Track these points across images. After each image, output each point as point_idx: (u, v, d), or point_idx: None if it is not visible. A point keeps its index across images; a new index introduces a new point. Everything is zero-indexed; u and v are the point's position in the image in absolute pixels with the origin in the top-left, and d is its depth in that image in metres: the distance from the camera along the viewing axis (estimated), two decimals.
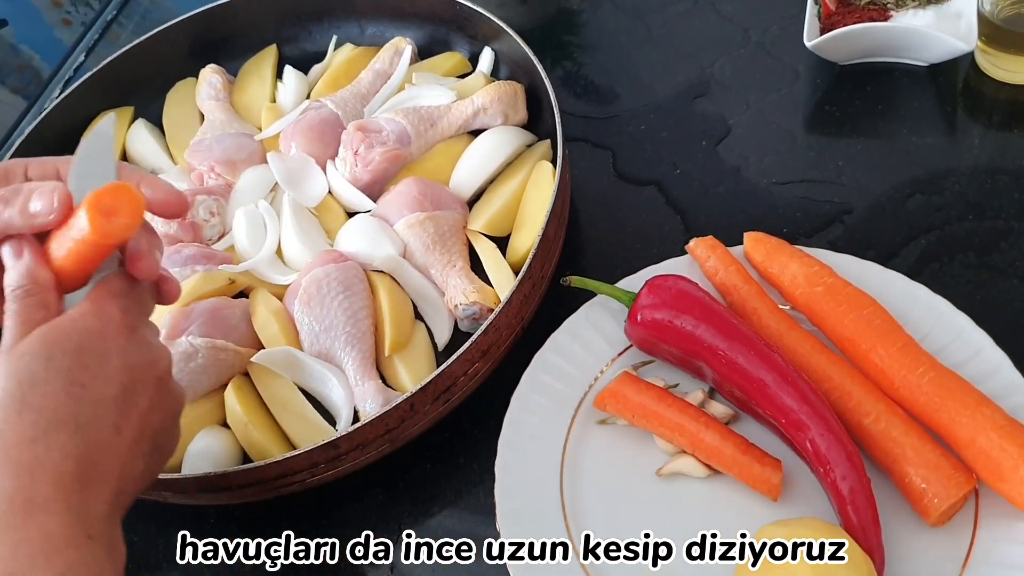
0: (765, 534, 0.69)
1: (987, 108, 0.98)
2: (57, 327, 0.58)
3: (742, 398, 0.77)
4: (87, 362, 0.57)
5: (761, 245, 0.85)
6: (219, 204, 0.99)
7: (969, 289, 0.85)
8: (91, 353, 0.58)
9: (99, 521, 0.55)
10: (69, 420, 0.55)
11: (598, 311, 0.86)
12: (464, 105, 1.01)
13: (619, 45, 1.15)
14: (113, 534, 0.56)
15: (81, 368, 0.57)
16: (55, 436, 0.55)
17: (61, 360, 0.57)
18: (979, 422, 0.71)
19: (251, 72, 1.15)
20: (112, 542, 0.56)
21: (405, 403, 0.78)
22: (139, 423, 0.59)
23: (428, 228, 0.92)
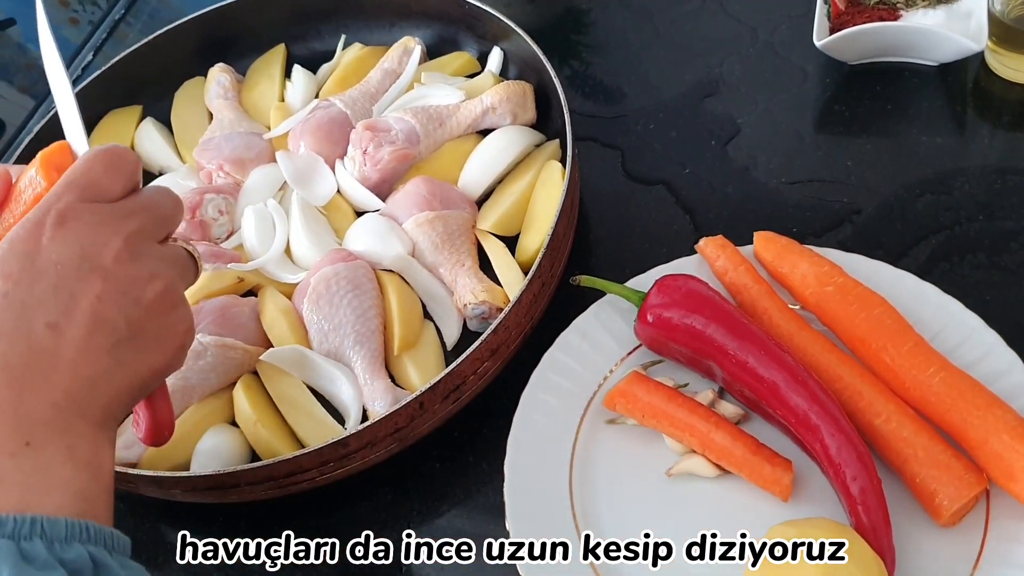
0: (775, 534, 0.69)
1: (997, 108, 0.98)
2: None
3: (752, 398, 0.76)
4: (9, 268, 0.54)
5: (771, 244, 0.85)
6: (228, 203, 0.99)
7: (979, 289, 0.85)
8: (13, 256, 0.55)
9: (41, 427, 0.51)
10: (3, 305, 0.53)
11: (607, 310, 0.86)
12: (473, 104, 1.00)
13: (627, 44, 1.15)
14: (71, 439, 0.52)
15: (14, 277, 0.54)
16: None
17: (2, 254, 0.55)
18: (990, 423, 0.71)
19: (260, 71, 1.15)
20: (71, 448, 0.52)
21: (414, 402, 0.78)
22: (85, 318, 0.54)
23: (437, 227, 0.92)
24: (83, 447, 0.53)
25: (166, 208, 0.62)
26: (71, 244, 0.55)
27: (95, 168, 0.59)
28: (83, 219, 0.56)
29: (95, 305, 0.55)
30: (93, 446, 0.53)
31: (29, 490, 0.50)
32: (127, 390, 0.57)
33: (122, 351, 0.56)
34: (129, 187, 0.60)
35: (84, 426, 0.54)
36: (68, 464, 0.51)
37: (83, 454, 0.53)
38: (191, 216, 0.97)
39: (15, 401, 0.51)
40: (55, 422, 0.52)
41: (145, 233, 0.59)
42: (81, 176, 0.58)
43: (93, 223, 0.57)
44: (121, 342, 0.56)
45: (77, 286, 0.55)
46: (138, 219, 0.59)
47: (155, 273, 0.58)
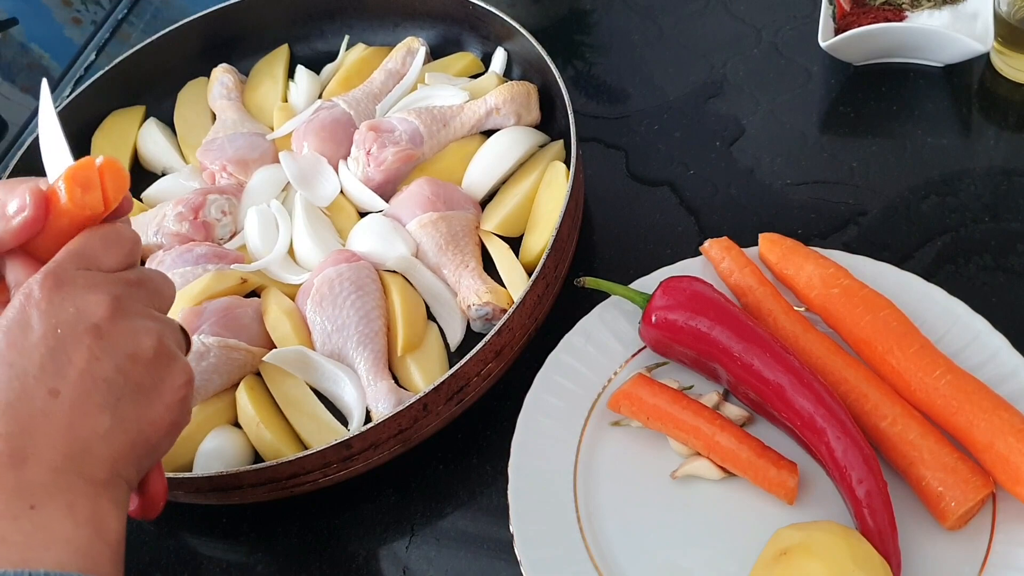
0: (781, 537, 0.69)
1: (1003, 109, 0.98)
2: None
3: (757, 400, 0.76)
4: (11, 340, 0.55)
5: (776, 246, 0.84)
6: (231, 203, 0.99)
7: (985, 292, 0.85)
8: (13, 329, 0.55)
9: (42, 489, 0.52)
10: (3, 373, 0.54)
11: (612, 312, 0.86)
12: (477, 105, 1.00)
13: (631, 45, 1.15)
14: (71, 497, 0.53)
15: (7, 348, 0.55)
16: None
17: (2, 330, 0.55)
18: (997, 425, 0.70)
19: (263, 72, 1.15)
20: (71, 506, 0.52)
21: (418, 403, 0.78)
22: (81, 378, 0.55)
23: (441, 228, 0.92)
24: (83, 505, 0.53)
25: (159, 283, 0.62)
26: (66, 307, 0.56)
27: (93, 242, 0.59)
28: (78, 283, 0.57)
29: (90, 364, 0.55)
30: (93, 504, 0.54)
31: (29, 548, 0.50)
32: (130, 447, 0.57)
33: (121, 408, 0.56)
34: (126, 264, 0.61)
35: (83, 485, 0.54)
36: (68, 521, 0.52)
37: (83, 512, 0.53)
38: (194, 217, 0.97)
39: (17, 471, 0.52)
40: (55, 484, 0.53)
41: (137, 297, 0.60)
42: (78, 247, 0.59)
43: (87, 285, 0.57)
44: (120, 399, 0.56)
45: (72, 348, 0.55)
46: (131, 286, 0.60)
47: (148, 328, 0.59)
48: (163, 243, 0.98)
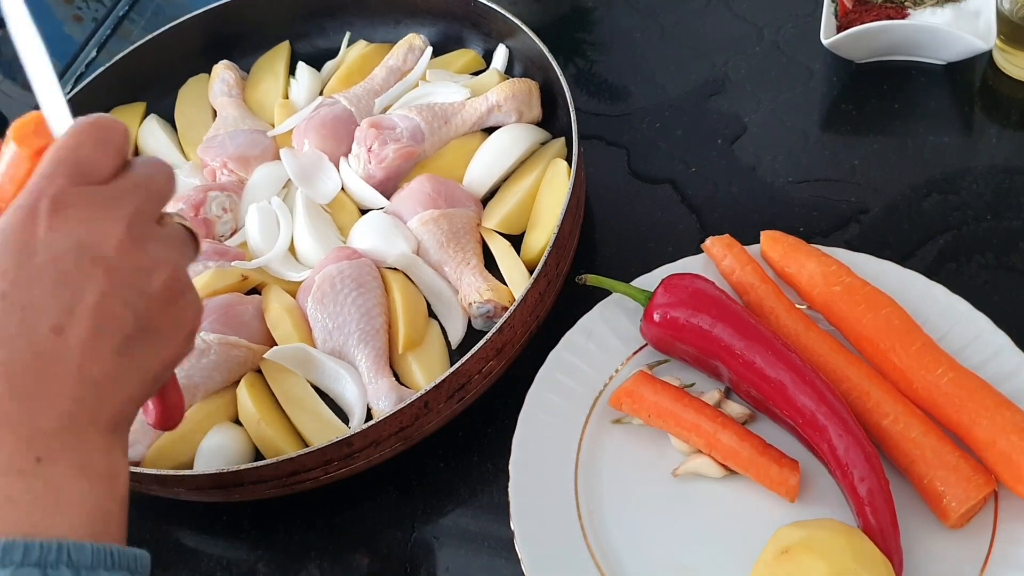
0: (782, 535, 0.68)
1: (1005, 107, 0.98)
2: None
3: (759, 398, 0.76)
4: (5, 266, 0.49)
5: (778, 244, 0.84)
6: (232, 200, 0.99)
7: (987, 290, 0.84)
8: (8, 253, 0.49)
9: (52, 439, 0.47)
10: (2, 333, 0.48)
11: (613, 310, 0.86)
12: (478, 102, 1.00)
13: (632, 43, 1.15)
14: (83, 451, 0.48)
15: (11, 277, 0.49)
16: None
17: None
18: (999, 424, 0.70)
19: (264, 68, 1.15)
20: (84, 461, 0.48)
21: (419, 401, 0.77)
22: (90, 316, 0.49)
23: (442, 225, 0.92)
24: (97, 459, 0.49)
25: (160, 182, 0.55)
26: (68, 235, 0.50)
27: (84, 145, 0.53)
28: (78, 205, 0.51)
29: (100, 302, 0.50)
30: (107, 457, 0.49)
31: (41, 510, 0.46)
32: (139, 388, 0.52)
33: (132, 348, 0.51)
34: (120, 162, 0.54)
35: (96, 435, 0.49)
36: (81, 479, 0.48)
37: (97, 467, 0.49)
38: (195, 214, 0.97)
39: (23, 414, 0.47)
40: (66, 433, 0.48)
41: (144, 215, 0.53)
42: (70, 154, 0.52)
43: (90, 209, 0.51)
44: (130, 339, 0.51)
45: (79, 282, 0.49)
46: (135, 200, 0.53)
47: (160, 259, 0.53)
48: None
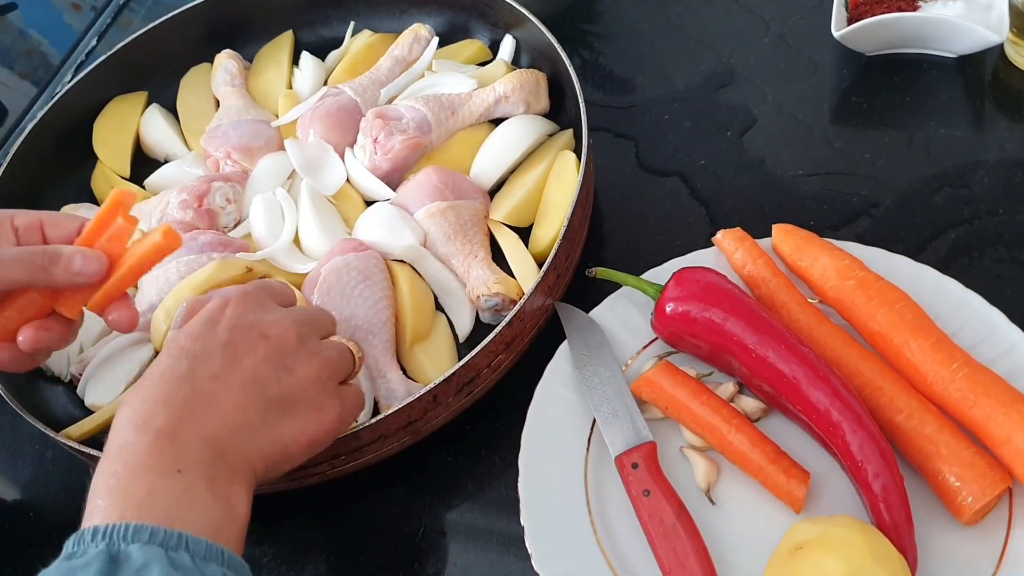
0: (798, 531, 0.68)
1: (1016, 101, 0.97)
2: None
3: (772, 393, 0.75)
4: (197, 334, 0.66)
5: (790, 237, 0.84)
6: (236, 191, 0.98)
7: (1000, 284, 0.84)
8: (200, 322, 0.67)
9: (190, 457, 0.59)
10: (176, 367, 0.64)
11: (623, 303, 0.85)
12: (485, 93, 0.99)
13: (639, 34, 1.14)
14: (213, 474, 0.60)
15: (194, 336, 0.66)
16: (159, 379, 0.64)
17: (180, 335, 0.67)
18: (1015, 419, 0.70)
19: (267, 58, 1.14)
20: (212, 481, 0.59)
21: (428, 394, 0.77)
22: (241, 376, 0.64)
23: (449, 217, 0.91)
24: (221, 483, 0.60)
25: (328, 320, 0.74)
26: (247, 316, 0.68)
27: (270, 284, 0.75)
28: (264, 304, 0.70)
29: (255, 365, 0.65)
30: (229, 487, 0.60)
31: (176, 507, 0.57)
32: (267, 448, 0.64)
33: (269, 411, 0.64)
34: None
35: (224, 466, 0.61)
36: (208, 495, 0.59)
37: (220, 490, 0.60)
38: (198, 205, 0.95)
39: (173, 432, 0.60)
40: (201, 455, 0.60)
41: (311, 327, 0.70)
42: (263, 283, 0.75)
43: (269, 307, 0.70)
44: (270, 403, 0.65)
45: (243, 349, 0.66)
46: (307, 315, 0.71)
47: (313, 353, 0.68)
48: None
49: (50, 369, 0.92)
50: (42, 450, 0.93)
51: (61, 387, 0.92)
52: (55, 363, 0.92)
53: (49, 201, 1.03)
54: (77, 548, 0.55)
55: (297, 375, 0.67)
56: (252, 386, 0.64)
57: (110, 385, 0.89)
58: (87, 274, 0.70)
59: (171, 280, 0.91)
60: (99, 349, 0.90)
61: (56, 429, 0.82)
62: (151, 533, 0.55)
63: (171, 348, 0.66)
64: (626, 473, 0.75)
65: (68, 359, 0.92)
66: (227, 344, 0.65)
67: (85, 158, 1.09)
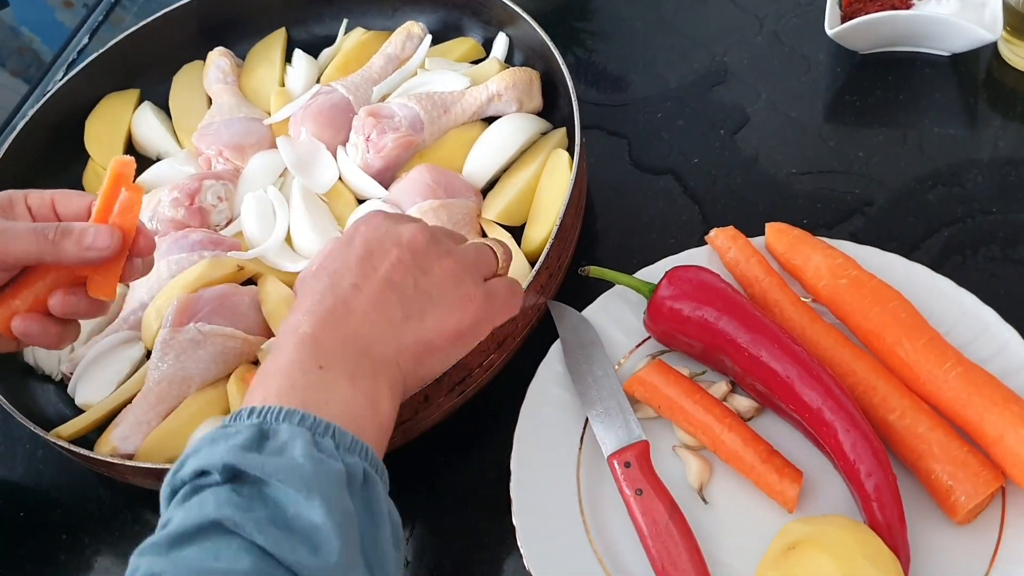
0: (790, 530, 0.68)
1: (1010, 99, 0.97)
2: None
3: (765, 392, 0.75)
4: (336, 252, 0.70)
5: (783, 236, 0.83)
6: (227, 189, 0.98)
7: (993, 283, 0.84)
8: (340, 244, 0.71)
9: (332, 355, 0.63)
10: (319, 278, 0.68)
11: (615, 302, 0.85)
12: (478, 91, 0.99)
13: (632, 32, 1.14)
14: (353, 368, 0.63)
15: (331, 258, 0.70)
16: (308, 286, 0.68)
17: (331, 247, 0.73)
18: (1008, 419, 0.70)
19: (260, 56, 1.13)
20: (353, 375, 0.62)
21: (419, 394, 0.76)
22: (378, 281, 0.67)
23: (441, 216, 0.91)
24: (363, 379, 0.63)
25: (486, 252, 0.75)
26: (378, 228, 0.71)
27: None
28: (399, 218, 0.73)
29: (390, 271, 0.68)
30: (372, 382, 0.63)
31: (315, 397, 0.60)
32: (413, 342, 0.67)
33: (409, 309, 0.67)
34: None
35: (366, 363, 0.64)
36: (348, 387, 0.62)
37: (362, 384, 0.62)
38: (190, 203, 0.95)
39: (317, 337, 0.63)
40: (343, 352, 0.63)
41: (444, 234, 0.73)
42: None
43: (400, 218, 0.73)
44: (408, 301, 0.67)
45: (379, 258, 0.68)
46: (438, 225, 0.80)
47: (447, 252, 0.70)
48: (158, 229, 0.96)
49: (41, 368, 0.92)
50: (33, 449, 0.93)
51: (52, 386, 0.91)
52: (45, 362, 0.91)
53: None
54: (231, 423, 0.58)
55: (432, 273, 0.69)
56: (389, 289, 0.67)
57: (100, 384, 0.88)
58: (99, 248, 0.71)
59: (162, 278, 0.91)
60: (89, 348, 0.90)
61: (47, 428, 0.82)
62: (301, 417, 0.58)
63: (328, 255, 0.71)
64: (619, 472, 0.75)
65: (59, 358, 0.91)
66: (363, 257, 0.68)
67: (77, 155, 1.08)
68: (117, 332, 0.91)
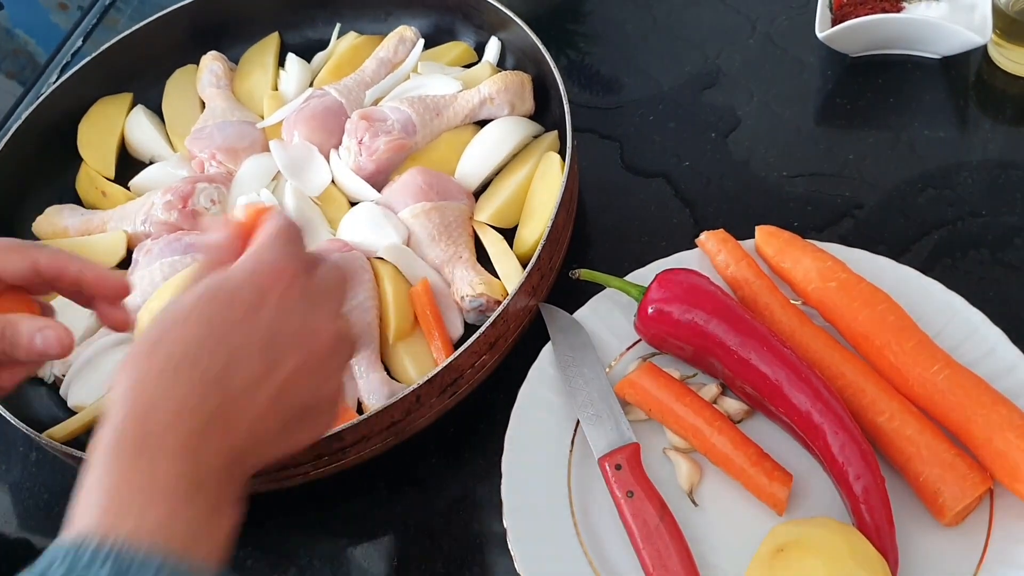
0: (778, 533, 0.68)
1: (1000, 102, 0.97)
2: (217, 275, 0.57)
3: (754, 395, 0.75)
4: (234, 313, 0.55)
5: (773, 239, 0.84)
6: (220, 192, 0.98)
7: (982, 286, 0.84)
8: (240, 302, 0.56)
9: (212, 474, 0.52)
10: (202, 360, 0.53)
11: (606, 305, 0.85)
12: (470, 94, 0.99)
13: (625, 35, 1.14)
14: (222, 494, 0.53)
15: (225, 315, 0.55)
16: (184, 372, 0.53)
17: (207, 306, 0.55)
18: (995, 421, 0.70)
19: (252, 60, 1.13)
20: (219, 502, 0.52)
21: (411, 395, 0.77)
22: (280, 384, 0.56)
23: (434, 218, 0.91)
24: (226, 505, 0.53)
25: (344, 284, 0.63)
26: (293, 314, 0.57)
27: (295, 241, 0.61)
28: (305, 296, 0.58)
29: (292, 372, 0.56)
30: (230, 503, 0.54)
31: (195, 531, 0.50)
32: (272, 458, 0.57)
33: (296, 421, 0.57)
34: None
35: (239, 479, 0.54)
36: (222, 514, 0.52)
37: (225, 510, 0.53)
38: (183, 205, 0.95)
39: (199, 437, 0.52)
40: (222, 473, 0.53)
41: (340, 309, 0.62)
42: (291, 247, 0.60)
43: (311, 301, 0.58)
44: (300, 411, 0.57)
45: (284, 353, 0.56)
46: (339, 298, 0.62)
47: (342, 364, 0.61)
48: (151, 232, 0.96)
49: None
50: (26, 451, 0.93)
51: (44, 389, 0.92)
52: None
53: (33, 202, 1.03)
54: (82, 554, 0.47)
55: (327, 386, 0.60)
56: (282, 398, 0.56)
57: (93, 386, 0.89)
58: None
59: (155, 281, 0.91)
60: (82, 350, 0.90)
61: (40, 430, 0.82)
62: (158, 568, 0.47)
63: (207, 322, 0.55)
64: (609, 474, 0.75)
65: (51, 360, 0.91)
66: (267, 347, 0.55)
67: (70, 159, 1.08)
68: (110, 334, 0.91)
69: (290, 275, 0.58)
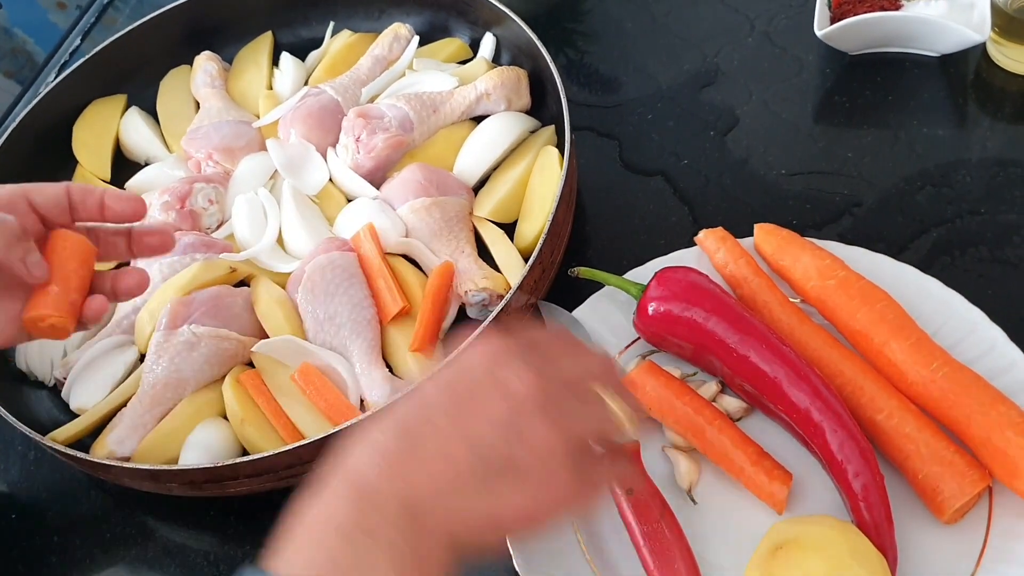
0: (778, 531, 0.68)
1: (999, 100, 0.97)
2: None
3: (753, 393, 0.75)
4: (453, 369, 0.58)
5: (772, 237, 0.84)
6: (218, 192, 0.98)
7: (981, 283, 0.84)
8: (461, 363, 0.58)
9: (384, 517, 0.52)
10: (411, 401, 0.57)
11: (605, 303, 0.85)
12: (467, 91, 0.99)
13: (623, 33, 1.14)
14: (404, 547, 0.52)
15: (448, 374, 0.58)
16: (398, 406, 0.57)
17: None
18: (994, 419, 0.70)
19: (246, 59, 1.13)
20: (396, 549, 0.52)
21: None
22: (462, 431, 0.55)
23: (434, 213, 0.91)
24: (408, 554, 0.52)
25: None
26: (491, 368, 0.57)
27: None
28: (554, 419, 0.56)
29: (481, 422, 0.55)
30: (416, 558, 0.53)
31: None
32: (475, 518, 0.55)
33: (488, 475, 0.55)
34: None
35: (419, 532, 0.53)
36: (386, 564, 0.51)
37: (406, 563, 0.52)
38: (180, 206, 0.95)
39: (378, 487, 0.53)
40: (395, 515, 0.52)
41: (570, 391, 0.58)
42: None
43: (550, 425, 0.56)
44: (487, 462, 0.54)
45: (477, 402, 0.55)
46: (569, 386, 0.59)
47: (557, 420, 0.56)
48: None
49: (33, 374, 0.92)
50: (25, 451, 0.93)
51: (45, 392, 0.92)
52: (38, 368, 0.91)
53: None
54: None
55: (530, 440, 0.55)
56: (469, 443, 0.54)
57: (95, 388, 0.89)
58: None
59: (155, 281, 0.91)
60: (83, 353, 0.90)
61: (42, 433, 0.82)
62: None
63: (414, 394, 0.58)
64: None
65: (52, 363, 0.91)
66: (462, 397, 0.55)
67: (65, 161, 1.09)
68: (110, 336, 0.91)
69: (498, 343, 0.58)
